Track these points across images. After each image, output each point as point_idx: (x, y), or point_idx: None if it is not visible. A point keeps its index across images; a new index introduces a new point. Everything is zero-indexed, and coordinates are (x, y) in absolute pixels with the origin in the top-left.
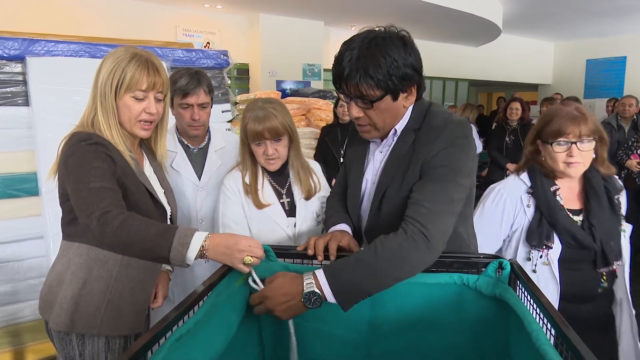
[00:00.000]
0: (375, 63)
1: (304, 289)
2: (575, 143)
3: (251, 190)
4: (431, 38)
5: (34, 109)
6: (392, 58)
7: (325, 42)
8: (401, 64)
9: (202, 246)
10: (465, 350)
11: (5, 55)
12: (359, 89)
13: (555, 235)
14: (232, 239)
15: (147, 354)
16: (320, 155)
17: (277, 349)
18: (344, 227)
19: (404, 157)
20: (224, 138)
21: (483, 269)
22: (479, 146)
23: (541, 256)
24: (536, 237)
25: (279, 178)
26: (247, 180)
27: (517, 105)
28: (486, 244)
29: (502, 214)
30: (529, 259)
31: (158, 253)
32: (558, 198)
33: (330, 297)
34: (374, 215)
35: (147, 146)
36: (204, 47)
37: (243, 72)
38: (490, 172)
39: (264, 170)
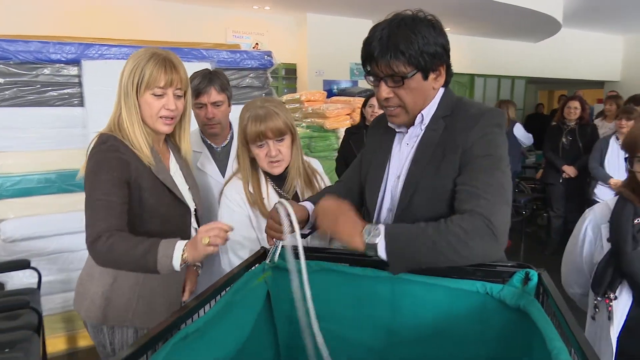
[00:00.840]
0: (407, 40)
1: (367, 226)
2: None
3: (256, 200)
4: (484, 34)
5: (88, 110)
6: (422, 35)
7: None
8: (432, 41)
9: (183, 250)
10: None
11: (63, 59)
12: (390, 67)
13: (623, 283)
14: (196, 236)
15: (151, 350)
16: (342, 157)
17: (293, 351)
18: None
19: (437, 146)
20: None
21: (508, 279)
22: (529, 139)
23: (605, 307)
24: (598, 281)
25: (280, 182)
26: (250, 189)
27: (575, 104)
28: (571, 276)
29: (582, 242)
30: (595, 307)
31: (148, 268)
32: None
33: (382, 254)
34: (405, 208)
35: (172, 143)
36: (253, 48)
37: (290, 72)
38: (545, 174)
39: (266, 175)
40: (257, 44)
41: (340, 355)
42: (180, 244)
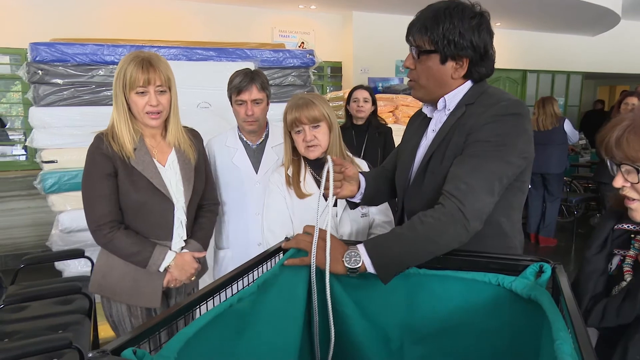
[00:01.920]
0: (436, 21)
1: (348, 250)
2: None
3: (293, 181)
4: (537, 29)
5: None
6: (452, 23)
7: None
8: (459, 31)
9: (170, 263)
10: (503, 355)
11: (116, 60)
12: (415, 39)
13: None
14: (187, 260)
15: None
16: None
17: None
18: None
19: (450, 129)
20: (281, 135)
21: (522, 271)
22: (575, 136)
23: None
24: None
25: (321, 170)
26: (289, 172)
27: (634, 100)
28: None
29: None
30: None
31: (138, 265)
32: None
33: (370, 268)
34: (416, 187)
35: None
36: (299, 47)
37: (336, 70)
38: (599, 173)
39: (306, 162)
40: (302, 42)
41: (357, 354)
42: (170, 256)
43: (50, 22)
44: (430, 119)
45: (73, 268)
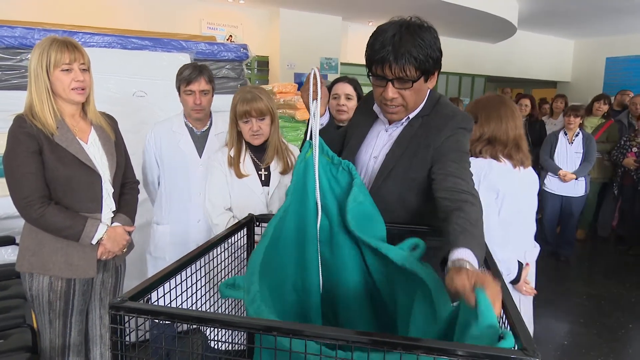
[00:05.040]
0: (418, 46)
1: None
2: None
3: (234, 162)
4: (446, 34)
5: None
6: (428, 42)
7: (343, 36)
8: (435, 47)
9: (103, 235)
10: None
11: None
12: (403, 71)
13: None
14: (119, 233)
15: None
16: None
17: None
18: None
19: (411, 140)
20: (223, 124)
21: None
22: None
23: None
24: None
25: (259, 154)
26: (231, 153)
27: (526, 101)
28: None
29: None
30: None
31: (71, 239)
32: None
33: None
34: (376, 189)
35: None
36: (227, 40)
37: (263, 65)
38: None
39: (247, 145)
40: (231, 36)
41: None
42: (102, 229)
43: None
44: (377, 116)
45: (0, 257)
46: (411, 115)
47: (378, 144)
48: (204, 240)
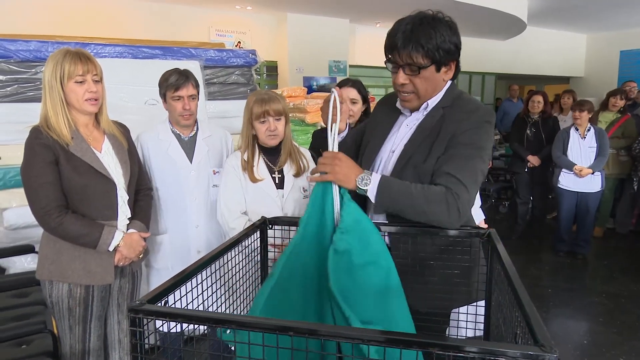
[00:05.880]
0: (427, 35)
1: (361, 173)
2: None
3: (248, 166)
4: None
5: None
6: (440, 33)
7: (351, 39)
8: (447, 39)
9: (120, 242)
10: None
11: None
12: (410, 57)
13: None
14: (135, 239)
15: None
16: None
17: None
18: None
19: (432, 130)
20: (209, 128)
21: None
22: None
23: None
24: None
25: (273, 157)
26: (245, 157)
27: (539, 98)
28: None
29: None
30: None
31: (88, 247)
32: None
33: (372, 195)
34: (396, 177)
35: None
36: (235, 46)
37: (272, 69)
38: (511, 164)
39: (260, 149)
40: (239, 42)
41: None
42: (119, 236)
43: None
44: (402, 113)
45: (19, 265)
46: (430, 105)
47: (397, 138)
48: (204, 246)
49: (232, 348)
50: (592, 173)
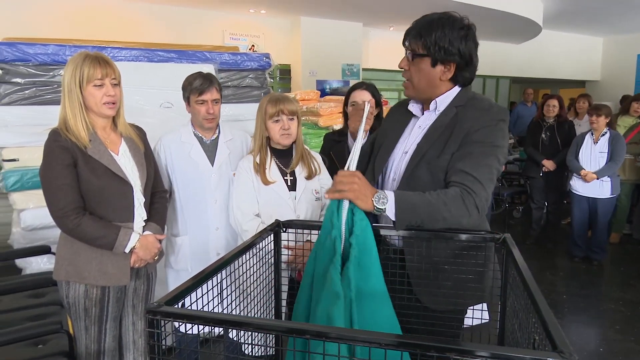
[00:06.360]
0: (429, 29)
1: (376, 193)
2: None
3: (260, 169)
4: None
5: None
6: (443, 32)
7: (364, 42)
8: (448, 39)
9: (136, 243)
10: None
11: None
12: (410, 43)
13: None
14: (151, 241)
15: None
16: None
17: None
18: None
19: (446, 128)
20: (231, 131)
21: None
22: None
23: None
24: None
25: (284, 159)
26: (257, 160)
27: (554, 102)
28: None
29: None
30: None
31: (105, 248)
32: None
33: (391, 213)
34: (408, 177)
35: (121, 130)
36: (249, 49)
37: (285, 73)
38: (526, 168)
39: (272, 152)
40: (253, 45)
41: None
42: (135, 238)
43: (4, 21)
44: (414, 116)
45: (35, 265)
46: (441, 105)
47: (410, 140)
48: (224, 248)
49: (244, 350)
50: (597, 178)
